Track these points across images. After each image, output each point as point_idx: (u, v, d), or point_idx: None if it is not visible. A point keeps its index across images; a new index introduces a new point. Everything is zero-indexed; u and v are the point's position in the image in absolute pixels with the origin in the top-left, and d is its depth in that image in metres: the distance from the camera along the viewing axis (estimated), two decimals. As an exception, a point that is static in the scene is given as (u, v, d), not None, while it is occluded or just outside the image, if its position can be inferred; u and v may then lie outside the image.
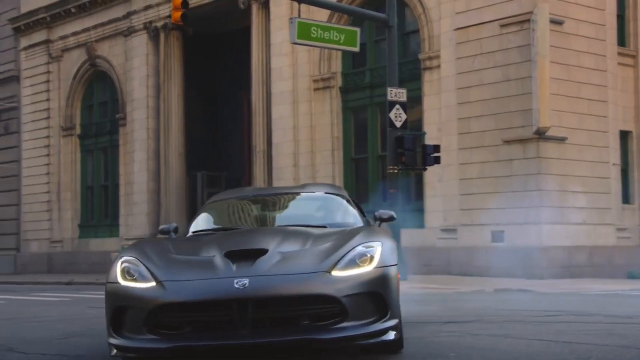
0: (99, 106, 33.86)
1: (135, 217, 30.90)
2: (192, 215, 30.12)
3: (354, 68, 25.74)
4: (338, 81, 25.68)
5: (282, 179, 26.22)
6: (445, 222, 22.61)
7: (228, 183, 31.05)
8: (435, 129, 22.77)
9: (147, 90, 30.66)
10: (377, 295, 5.81)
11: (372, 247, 6.01)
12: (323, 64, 25.73)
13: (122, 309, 5.69)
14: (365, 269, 5.82)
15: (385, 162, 21.00)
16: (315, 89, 25.88)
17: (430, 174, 22.15)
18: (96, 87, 33.85)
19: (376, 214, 7.75)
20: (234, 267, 5.72)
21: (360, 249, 5.97)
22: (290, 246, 6.13)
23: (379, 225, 7.65)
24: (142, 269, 5.77)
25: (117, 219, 31.92)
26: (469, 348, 6.87)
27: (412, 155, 19.30)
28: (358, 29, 20.25)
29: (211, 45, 30.61)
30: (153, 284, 5.65)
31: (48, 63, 34.76)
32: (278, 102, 26.59)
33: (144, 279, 5.70)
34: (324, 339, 5.53)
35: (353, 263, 5.83)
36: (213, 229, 7.33)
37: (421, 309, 10.94)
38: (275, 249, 5.99)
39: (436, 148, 19.80)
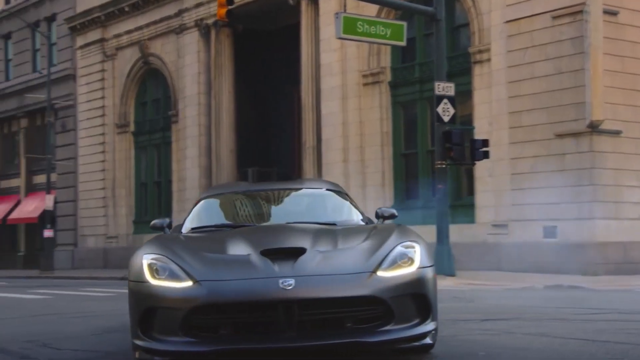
0: (152, 103, 34.26)
1: (187, 213, 31.07)
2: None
3: (403, 62, 25.51)
4: (387, 76, 25.48)
5: (332, 174, 26.13)
6: (496, 217, 22.26)
7: (279, 179, 31.12)
8: (486, 123, 22.43)
9: (199, 87, 30.90)
10: (422, 297, 5.63)
11: (412, 247, 5.82)
12: (372, 59, 25.56)
13: (152, 309, 5.35)
14: (409, 270, 5.63)
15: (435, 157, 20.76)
16: (365, 84, 25.74)
17: (481, 168, 21.83)
18: (149, 84, 34.24)
19: (378, 211, 7.50)
20: (275, 266, 5.44)
21: (400, 249, 5.76)
22: (325, 244, 5.86)
23: (382, 222, 7.39)
24: (174, 267, 5.44)
25: (170, 215, 32.21)
26: (501, 347, 6.70)
27: (461, 150, 19.04)
28: (404, 23, 20.03)
29: (261, 41, 30.68)
30: (189, 283, 5.33)
31: (103, 61, 35.29)
32: (327, 98, 26.52)
33: (177, 278, 5.37)
34: (369, 342, 5.35)
35: (395, 263, 5.63)
36: (217, 226, 7.00)
37: (462, 306, 10.75)
38: (312, 247, 5.74)
39: (485, 142, 19.49)
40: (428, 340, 5.73)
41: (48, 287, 20.93)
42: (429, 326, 5.68)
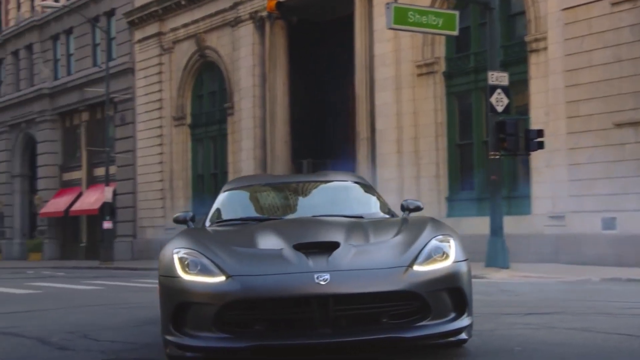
0: (208, 96, 34.52)
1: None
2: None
3: (457, 52, 25.16)
4: (442, 66, 25.17)
5: (386, 166, 25.99)
6: (553, 208, 21.80)
7: (334, 171, 31.06)
8: (542, 112, 21.98)
9: (254, 79, 31.01)
10: (458, 291, 5.53)
11: (446, 241, 5.71)
12: (426, 49, 25.27)
13: (185, 304, 5.24)
14: (444, 264, 5.53)
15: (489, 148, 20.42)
16: (419, 75, 25.47)
17: (537, 159, 21.41)
18: (205, 77, 34.51)
19: (404, 203, 7.34)
20: (309, 261, 5.32)
21: (434, 243, 5.65)
22: (358, 238, 5.75)
23: (407, 215, 7.24)
24: (205, 261, 5.34)
25: (227, 206, 32.40)
26: (539, 342, 6.51)
27: (515, 140, 18.66)
28: (457, 12, 19.73)
29: (315, 33, 30.60)
30: (222, 278, 5.22)
31: (160, 55, 35.68)
32: (381, 89, 26.33)
33: (209, 272, 5.26)
34: (405, 337, 5.24)
35: (430, 257, 5.52)
36: (242, 219, 6.85)
37: (509, 299, 10.54)
38: (346, 241, 5.62)
39: (539, 133, 19.08)
40: (463, 336, 5.62)
41: (103, 278, 21.27)
42: (464, 321, 5.57)
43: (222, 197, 7.43)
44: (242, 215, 7.02)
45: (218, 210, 7.19)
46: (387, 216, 7.02)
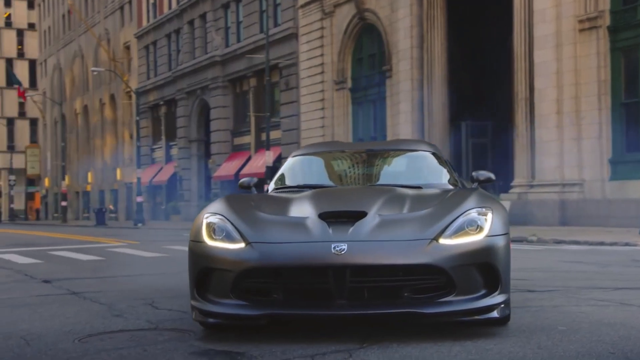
0: (367, 59, 34.41)
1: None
2: (455, 166, 29.62)
3: (624, 4, 23.52)
4: (606, 20, 23.63)
5: (545, 127, 24.87)
6: None
7: (494, 132, 30.17)
8: None
9: (411, 40, 30.54)
10: (489, 267, 5.17)
11: (484, 214, 5.35)
12: (589, 2, 23.82)
13: (207, 270, 5.22)
14: (476, 238, 5.19)
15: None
16: (581, 30, 24.06)
17: None
18: (365, 40, 34.39)
19: (473, 174, 6.94)
20: (330, 230, 5.16)
21: (469, 215, 5.33)
22: (391, 209, 5.52)
23: (477, 187, 6.84)
24: (230, 227, 5.28)
25: (386, 170, 32.35)
26: (594, 321, 5.88)
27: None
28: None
29: (474, -10, 29.63)
30: (242, 245, 5.16)
31: (322, 19, 35.91)
32: (541, 46, 25.13)
33: (231, 239, 5.21)
34: (427, 313, 4.98)
35: (461, 230, 5.22)
36: (299, 186, 6.78)
37: (624, 271, 9.75)
38: (375, 211, 5.40)
39: None
40: (494, 314, 5.22)
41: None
42: (495, 299, 5.18)
43: (288, 162, 7.42)
44: (301, 182, 6.94)
45: (282, 176, 7.19)
46: (451, 187, 6.70)
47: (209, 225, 5.43)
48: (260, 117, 40.36)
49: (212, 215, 5.52)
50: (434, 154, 7.30)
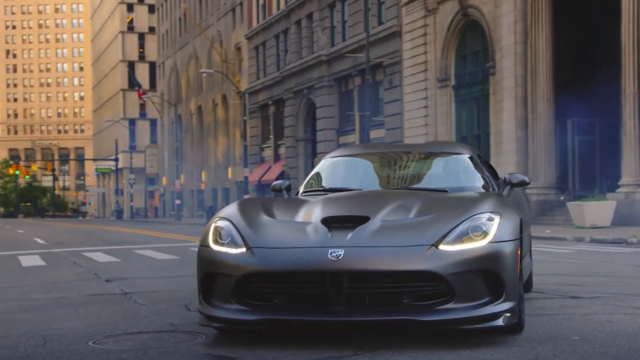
0: (471, 56, 33.75)
1: (504, 167, 30.34)
2: (560, 164, 28.65)
3: None
4: None
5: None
6: None
7: (602, 130, 29.01)
8: None
9: (515, 36, 29.75)
10: (491, 274, 4.99)
11: (491, 219, 5.17)
12: (702, -9, 22.56)
13: (211, 275, 5.23)
14: (479, 244, 5.02)
15: None
16: (693, 21, 22.83)
17: None
18: (469, 37, 33.74)
19: (506, 177, 6.69)
20: (330, 235, 5.11)
21: (476, 220, 5.15)
22: (399, 214, 5.40)
23: (509, 190, 6.59)
24: (234, 233, 5.28)
25: (489, 169, 31.70)
26: (613, 332, 5.51)
27: None
28: None
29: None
30: (243, 250, 5.15)
31: (425, 16, 35.48)
32: (650, 39, 23.99)
33: (234, 244, 5.21)
34: (425, 320, 4.85)
35: (465, 236, 5.05)
36: (325, 189, 6.69)
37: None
38: (379, 216, 5.30)
39: None
40: (499, 322, 5.00)
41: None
42: (500, 307, 4.99)
43: (319, 165, 7.37)
44: (328, 185, 6.88)
45: (311, 179, 7.16)
46: (482, 191, 6.44)
47: (216, 229, 5.45)
48: (363, 116, 40.26)
49: (221, 219, 5.54)
50: (470, 157, 7.04)
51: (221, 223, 5.47)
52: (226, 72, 57.42)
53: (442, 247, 4.99)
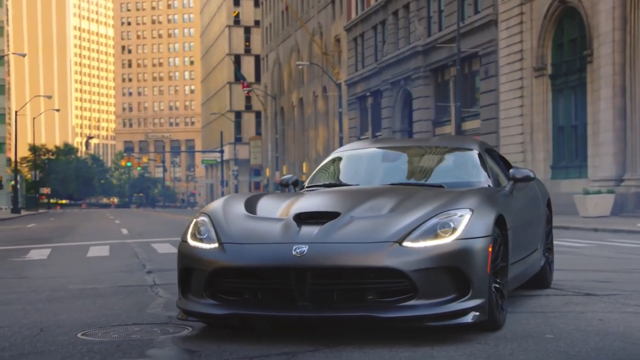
0: (568, 44, 32.60)
1: (601, 157, 29.32)
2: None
3: None
4: None
5: None
6: None
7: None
8: None
9: (613, 22, 28.58)
10: (456, 271, 4.91)
11: (461, 215, 5.08)
12: None
13: (188, 270, 5.32)
14: (444, 241, 4.95)
15: None
16: None
17: None
18: (566, 24, 32.61)
19: (511, 171, 6.46)
20: (298, 231, 5.13)
21: (444, 217, 5.08)
22: (373, 210, 5.35)
23: (512, 185, 6.37)
24: (211, 229, 5.38)
25: (586, 159, 30.67)
26: (587, 331, 5.22)
27: None
28: None
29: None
30: (215, 245, 5.23)
31: (521, 4, 34.54)
32: None
33: (209, 240, 5.30)
34: (387, 317, 4.81)
35: (431, 233, 4.99)
36: (323, 185, 6.72)
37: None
38: (351, 213, 5.27)
39: None
40: (467, 320, 4.92)
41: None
42: (466, 304, 4.91)
43: (326, 160, 7.38)
44: (327, 181, 6.92)
45: (315, 174, 7.17)
46: (485, 186, 6.26)
47: (196, 224, 5.54)
48: (459, 107, 39.59)
49: (202, 214, 5.63)
50: (473, 150, 6.85)
51: (202, 218, 5.57)
52: (325, 65, 57.58)
53: (405, 243, 4.94)
